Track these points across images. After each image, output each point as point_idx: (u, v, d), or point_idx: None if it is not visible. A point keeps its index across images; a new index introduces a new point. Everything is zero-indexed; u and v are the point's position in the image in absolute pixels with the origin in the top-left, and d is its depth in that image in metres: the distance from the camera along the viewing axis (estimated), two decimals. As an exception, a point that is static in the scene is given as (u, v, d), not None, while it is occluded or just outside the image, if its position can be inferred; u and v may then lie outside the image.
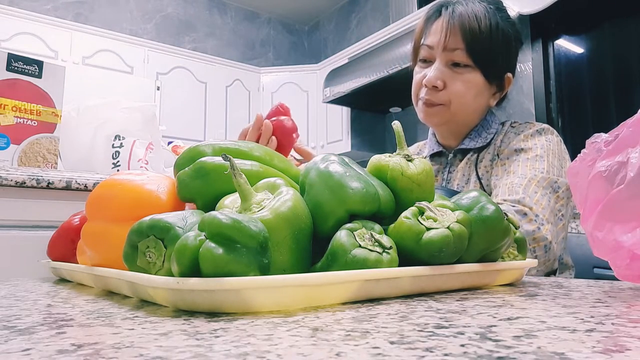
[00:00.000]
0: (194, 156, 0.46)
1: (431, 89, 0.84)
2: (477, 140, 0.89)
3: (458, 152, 0.92)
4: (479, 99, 0.87)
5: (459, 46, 0.81)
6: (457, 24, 0.81)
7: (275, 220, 0.34)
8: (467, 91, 0.83)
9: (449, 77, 0.83)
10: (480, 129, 0.90)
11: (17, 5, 3.27)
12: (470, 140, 0.89)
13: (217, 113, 3.87)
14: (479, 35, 0.80)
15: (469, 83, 0.83)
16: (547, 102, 2.54)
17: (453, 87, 0.83)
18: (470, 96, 0.84)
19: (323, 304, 0.33)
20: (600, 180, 0.36)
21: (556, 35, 2.57)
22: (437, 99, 0.84)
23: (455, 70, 0.83)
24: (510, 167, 0.82)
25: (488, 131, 0.90)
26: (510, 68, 0.88)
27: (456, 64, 0.83)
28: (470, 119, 0.89)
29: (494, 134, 0.90)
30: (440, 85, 0.83)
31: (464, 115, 0.87)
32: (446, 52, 0.82)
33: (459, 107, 0.85)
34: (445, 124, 0.88)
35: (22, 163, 1.12)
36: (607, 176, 0.36)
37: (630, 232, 0.36)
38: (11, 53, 1.15)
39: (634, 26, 2.26)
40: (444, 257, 0.38)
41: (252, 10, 4.44)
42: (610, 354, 0.19)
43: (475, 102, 0.86)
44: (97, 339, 0.23)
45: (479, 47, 0.81)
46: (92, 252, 0.45)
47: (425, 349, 0.20)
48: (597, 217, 0.37)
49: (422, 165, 0.44)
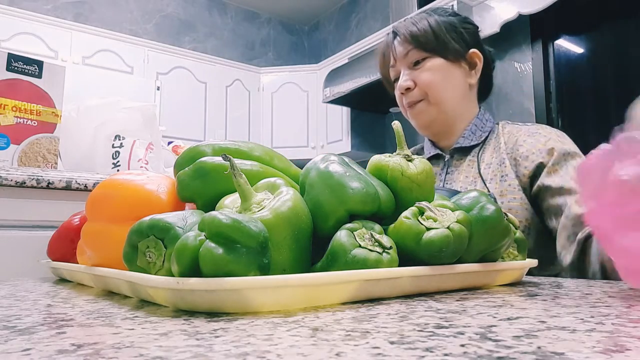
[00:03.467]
0: (194, 156, 0.46)
1: (405, 92, 0.91)
2: (472, 138, 0.91)
3: (455, 151, 0.93)
4: (453, 80, 0.90)
5: (408, 48, 0.90)
6: (400, 35, 0.91)
7: (275, 220, 0.34)
8: (434, 76, 0.89)
9: (415, 76, 0.90)
10: (474, 127, 0.92)
11: (17, 5, 3.27)
12: (464, 138, 0.91)
13: (217, 113, 3.87)
14: (418, 32, 0.89)
15: (432, 69, 0.89)
16: (547, 102, 2.54)
17: (421, 80, 0.89)
18: (440, 79, 0.89)
19: (323, 304, 0.33)
20: (621, 185, 0.36)
21: (556, 35, 2.57)
22: (414, 97, 0.90)
23: (417, 68, 0.90)
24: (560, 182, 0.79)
25: (482, 129, 0.92)
26: (470, 45, 0.92)
27: (415, 63, 0.90)
28: (457, 106, 0.91)
29: (489, 132, 0.92)
30: (411, 85, 0.90)
31: (449, 102, 0.90)
32: (402, 59, 0.91)
33: (437, 94, 0.89)
34: (435, 119, 0.91)
35: (22, 163, 1.12)
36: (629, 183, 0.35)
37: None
38: (11, 53, 1.15)
39: (634, 26, 2.26)
40: (444, 257, 0.38)
41: (252, 10, 4.44)
42: (610, 354, 0.19)
43: (450, 83, 0.90)
44: (97, 339, 0.23)
45: (424, 39, 0.89)
46: (92, 252, 0.45)
47: (425, 349, 0.20)
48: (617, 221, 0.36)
49: (422, 165, 0.44)
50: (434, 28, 0.89)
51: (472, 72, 0.93)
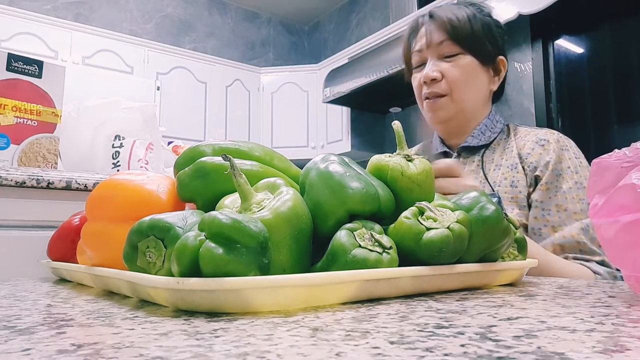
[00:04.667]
0: (194, 156, 0.46)
1: (430, 82, 0.87)
2: (481, 138, 0.90)
3: (462, 150, 0.92)
4: (479, 83, 0.88)
5: (444, 37, 0.86)
6: (437, 21, 0.87)
7: (275, 220, 0.34)
8: (464, 75, 0.86)
9: (444, 68, 0.86)
10: (484, 127, 0.90)
11: (17, 5, 3.27)
12: (473, 138, 0.90)
13: (217, 113, 3.87)
14: (457, 23, 0.86)
15: (464, 67, 0.86)
16: (547, 102, 2.54)
17: (450, 75, 0.86)
18: (468, 79, 0.86)
19: (323, 304, 0.33)
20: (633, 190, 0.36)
21: (556, 35, 2.57)
22: (439, 89, 0.87)
23: (448, 61, 0.87)
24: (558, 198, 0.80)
25: (492, 130, 0.91)
26: (500, 51, 0.91)
27: (447, 55, 0.87)
28: (475, 109, 0.90)
29: (498, 133, 0.91)
30: (438, 76, 0.86)
31: (470, 103, 0.88)
32: (434, 47, 0.87)
33: (462, 94, 0.86)
34: (453, 118, 0.89)
35: (22, 163, 1.12)
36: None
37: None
38: (11, 53, 1.15)
39: (634, 26, 2.26)
40: (444, 257, 0.38)
41: (252, 10, 4.43)
42: (610, 354, 0.19)
43: (476, 86, 0.88)
44: (97, 339, 0.23)
45: (462, 33, 0.86)
46: (92, 252, 0.45)
47: (425, 349, 0.20)
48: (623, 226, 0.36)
49: (422, 165, 0.44)
50: (473, 24, 0.86)
51: (496, 79, 0.92)
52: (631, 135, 2.21)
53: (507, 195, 0.82)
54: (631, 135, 2.21)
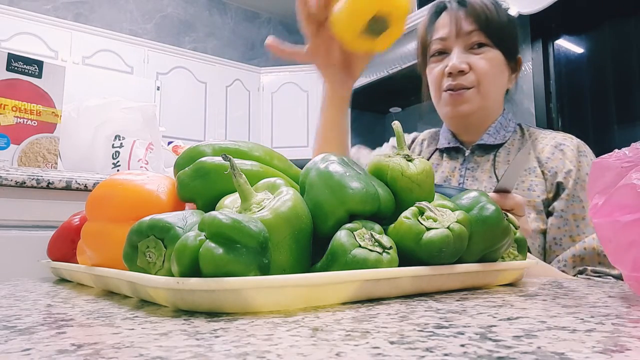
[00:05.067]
0: (194, 156, 0.46)
1: (457, 74, 0.83)
2: (496, 137, 0.87)
3: (476, 148, 0.89)
4: (502, 79, 0.86)
5: (474, 27, 0.82)
6: (468, 9, 0.83)
7: (275, 220, 0.34)
8: (492, 69, 0.83)
9: (472, 60, 0.83)
10: (499, 126, 0.88)
11: (17, 5, 3.27)
12: (489, 136, 0.87)
13: (217, 113, 3.87)
14: (489, 15, 0.82)
15: (492, 61, 0.83)
16: (547, 102, 2.54)
17: (479, 67, 0.82)
18: (496, 74, 0.84)
19: (323, 304, 0.33)
20: (633, 190, 0.36)
21: (556, 35, 2.57)
22: (465, 81, 0.83)
23: (476, 52, 0.83)
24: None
25: (506, 129, 0.89)
26: (519, 49, 0.89)
27: (476, 45, 0.83)
28: (495, 106, 0.88)
29: (511, 132, 0.89)
30: (466, 68, 0.82)
31: (493, 99, 0.86)
32: (462, 37, 0.83)
33: (488, 87, 0.84)
34: (474, 113, 0.85)
35: (22, 163, 1.12)
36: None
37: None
38: (11, 53, 1.15)
39: (634, 26, 2.26)
40: (444, 257, 0.38)
41: (252, 10, 4.44)
42: (610, 354, 0.19)
43: (500, 82, 0.86)
44: (97, 339, 0.23)
45: (493, 26, 0.82)
46: (92, 252, 0.45)
47: (425, 349, 0.20)
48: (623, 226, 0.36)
49: (422, 165, 0.44)
50: (501, 16, 0.83)
51: (513, 77, 0.90)
52: (631, 135, 2.21)
53: (524, 198, 0.81)
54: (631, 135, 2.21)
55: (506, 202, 0.59)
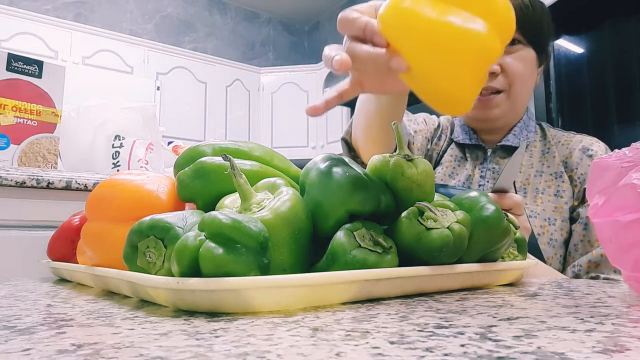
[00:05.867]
0: (194, 156, 0.46)
1: (488, 76, 0.80)
2: (520, 138, 0.83)
3: (499, 148, 0.84)
4: (533, 79, 0.81)
5: None
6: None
7: (275, 220, 0.34)
8: (525, 70, 0.77)
9: (505, 61, 0.76)
10: (523, 125, 0.84)
11: (17, 5, 3.27)
12: (514, 137, 0.83)
13: (217, 113, 3.87)
14: (524, 9, 0.74)
15: (524, 60, 0.77)
16: (547, 102, 2.54)
17: (512, 69, 0.76)
18: (527, 75, 0.78)
19: (323, 304, 0.33)
20: (633, 190, 0.36)
21: (556, 35, 2.57)
22: (497, 84, 0.77)
23: (508, 50, 0.76)
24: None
25: (528, 129, 0.84)
26: (549, 42, 0.83)
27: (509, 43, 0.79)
28: (524, 105, 0.83)
29: (533, 132, 0.85)
30: (497, 70, 0.76)
31: (521, 103, 0.81)
32: None
33: (520, 90, 0.78)
34: (503, 118, 0.80)
35: (22, 163, 1.12)
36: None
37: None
38: (11, 53, 1.15)
39: (634, 26, 2.26)
40: (444, 257, 0.38)
41: (252, 10, 4.44)
42: (610, 354, 0.19)
43: (530, 82, 0.80)
44: (97, 339, 0.23)
45: (531, 22, 0.76)
46: (92, 252, 0.45)
47: (425, 349, 0.20)
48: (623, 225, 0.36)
49: (422, 165, 0.44)
50: (537, 12, 0.76)
51: (539, 70, 0.84)
52: (631, 135, 2.21)
53: (550, 204, 0.76)
54: (631, 135, 2.21)
55: (505, 202, 0.58)
